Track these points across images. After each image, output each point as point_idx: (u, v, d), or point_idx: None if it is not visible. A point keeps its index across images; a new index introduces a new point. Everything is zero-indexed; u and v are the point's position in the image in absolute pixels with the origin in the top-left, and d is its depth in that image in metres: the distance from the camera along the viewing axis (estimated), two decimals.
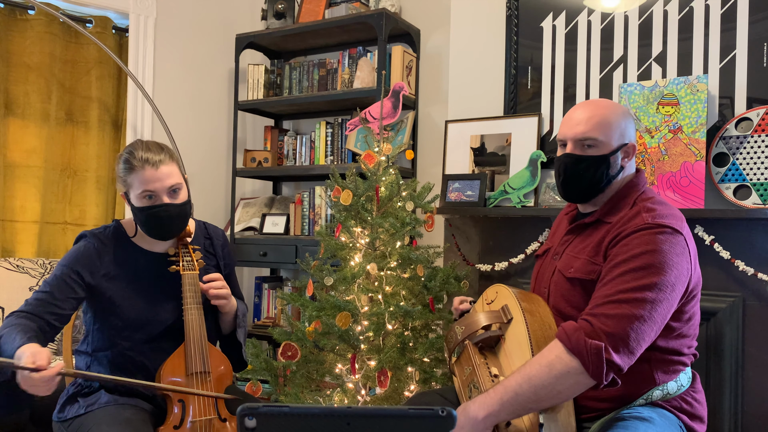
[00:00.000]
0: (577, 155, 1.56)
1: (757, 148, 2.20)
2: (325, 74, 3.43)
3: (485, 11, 2.86)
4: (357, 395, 2.24)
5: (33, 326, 1.55)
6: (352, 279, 2.24)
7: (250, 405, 0.75)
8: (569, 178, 1.58)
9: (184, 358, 1.65)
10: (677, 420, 1.47)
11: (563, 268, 1.58)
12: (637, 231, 1.43)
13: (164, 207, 1.65)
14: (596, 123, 1.54)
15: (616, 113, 1.56)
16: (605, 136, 1.54)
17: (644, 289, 1.36)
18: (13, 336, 1.46)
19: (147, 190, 1.63)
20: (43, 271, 2.88)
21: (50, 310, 1.60)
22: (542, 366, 1.35)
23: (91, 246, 1.69)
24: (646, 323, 1.35)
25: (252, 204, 3.68)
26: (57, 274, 1.65)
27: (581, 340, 1.33)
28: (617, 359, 1.32)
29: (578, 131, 1.55)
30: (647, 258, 1.38)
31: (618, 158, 1.56)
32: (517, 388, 1.35)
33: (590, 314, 1.38)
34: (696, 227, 2.23)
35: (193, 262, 1.75)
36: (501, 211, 2.63)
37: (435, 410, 0.77)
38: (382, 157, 2.39)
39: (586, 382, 1.34)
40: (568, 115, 1.60)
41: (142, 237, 1.76)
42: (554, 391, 1.34)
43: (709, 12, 2.36)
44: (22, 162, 3.08)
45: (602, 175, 1.55)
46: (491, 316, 1.60)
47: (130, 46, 3.33)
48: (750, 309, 2.18)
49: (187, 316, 1.68)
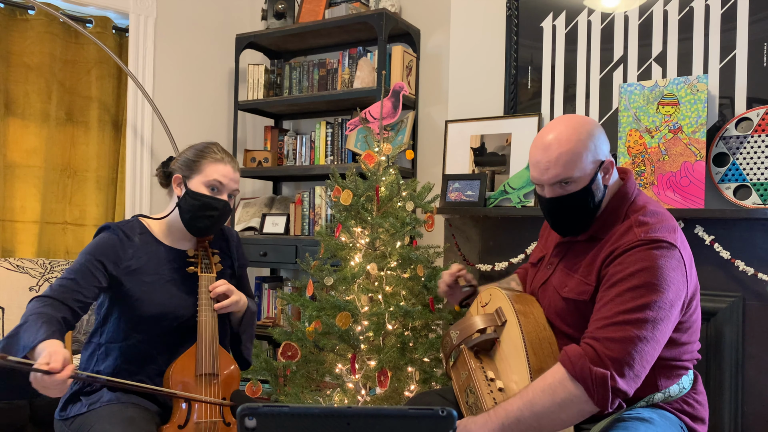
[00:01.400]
0: (558, 197, 1.50)
1: (757, 148, 2.20)
2: (325, 74, 3.43)
3: (485, 11, 2.86)
4: (357, 395, 2.24)
5: (57, 316, 1.52)
6: (352, 279, 2.24)
7: (250, 405, 0.76)
8: (558, 219, 1.54)
9: (195, 358, 1.66)
10: (678, 421, 1.47)
11: (558, 285, 1.55)
12: (631, 248, 1.40)
13: (223, 202, 1.72)
14: (566, 162, 1.45)
15: (581, 140, 1.46)
16: (579, 170, 1.45)
17: (644, 308, 1.33)
18: (37, 326, 1.44)
19: (218, 180, 1.70)
20: (43, 271, 2.88)
21: (75, 297, 1.58)
22: (545, 393, 1.33)
23: (115, 237, 1.69)
24: (649, 344, 1.33)
25: (252, 204, 3.68)
26: (81, 261, 1.64)
27: (586, 368, 1.31)
28: (623, 386, 1.30)
29: (551, 176, 1.47)
30: (644, 276, 1.35)
31: (599, 181, 1.49)
32: (519, 414, 1.33)
33: (593, 338, 1.35)
34: (696, 227, 2.23)
35: (212, 265, 1.77)
36: (501, 211, 2.63)
37: (435, 410, 0.77)
38: (382, 157, 2.39)
39: (590, 409, 1.32)
40: (535, 155, 1.51)
41: (165, 232, 1.78)
42: (557, 420, 1.32)
43: (709, 12, 2.36)
44: (22, 162, 3.08)
45: (589, 205, 1.49)
46: (485, 320, 1.59)
47: (130, 46, 3.33)
48: (750, 309, 2.18)
49: (201, 317, 1.70)
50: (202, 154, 1.73)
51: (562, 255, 1.60)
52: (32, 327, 1.44)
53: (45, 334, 1.41)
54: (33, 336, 1.42)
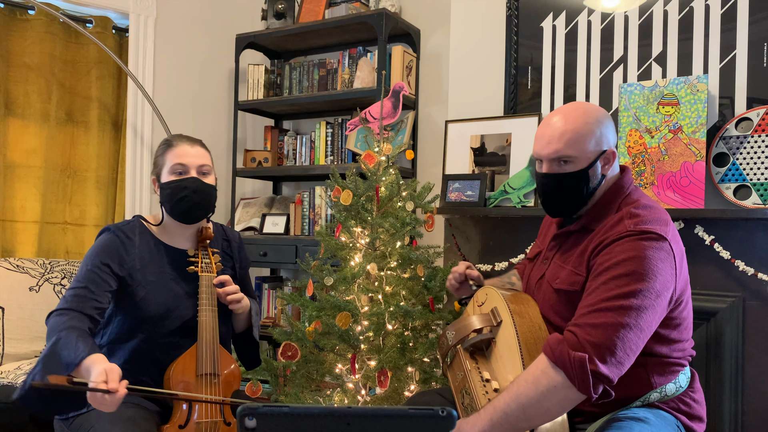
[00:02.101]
0: (554, 174, 1.50)
1: (757, 148, 2.20)
2: (325, 74, 3.43)
3: (485, 11, 2.86)
4: (357, 395, 2.24)
5: (84, 327, 1.53)
6: (352, 279, 2.24)
7: (250, 405, 0.76)
8: (549, 197, 1.54)
9: (195, 358, 1.67)
10: (675, 420, 1.46)
11: (550, 278, 1.55)
12: (620, 239, 1.40)
13: (192, 179, 1.70)
14: (569, 139, 1.47)
15: (588, 123, 1.48)
16: (580, 151, 1.47)
17: (629, 296, 1.32)
18: (73, 341, 1.45)
19: (179, 163, 1.70)
20: (43, 271, 2.88)
21: (91, 304, 1.58)
22: (528, 382, 1.33)
23: (116, 238, 1.70)
24: (632, 331, 1.31)
25: (252, 204, 3.68)
26: (88, 268, 1.63)
27: (565, 352, 1.31)
28: (604, 370, 1.29)
29: (551, 150, 1.48)
30: (630, 265, 1.35)
31: (597, 169, 1.50)
32: (506, 407, 1.32)
33: (575, 324, 1.35)
34: (696, 227, 2.23)
35: (212, 264, 1.78)
36: (501, 211, 2.63)
37: (435, 410, 0.77)
38: (382, 157, 2.39)
39: (575, 396, 1.31)
40: (541, 129, 1.53)
41: (163, 232, 1.78)
42: (543, 409, 1.31)
43: (709, 12, 2.36)
44: (22, 162, 3.08)
45: (582, 189, 1.49)
46: (481, 320, 1.58)
47: (130, 46, 3.33)
48: (750, 309, 2.18)
49: (202, 317, 1.70)
50: (161, 149, 1.75)
51: (557, 249, 1.60)
52: (69, 343, 1.45)
53: (86, 348, 1.43)
54: (73, 352, 1.43)
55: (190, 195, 1.70)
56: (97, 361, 1.40)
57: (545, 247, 1.67)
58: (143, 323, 1.68)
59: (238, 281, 1.91)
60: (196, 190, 1.71)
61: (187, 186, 1.70)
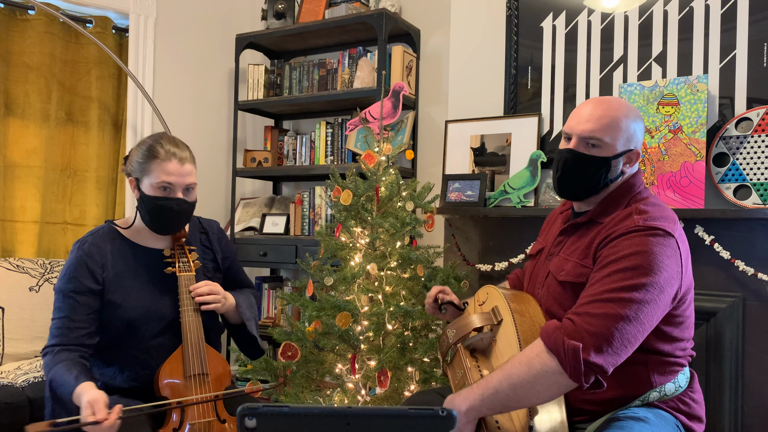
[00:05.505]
0: (579, 153, 1.52)
1: (757, 148, 2.20)
2: (325, 74, 3.43)
3: (485, 11, 2.86)
4: (357, 395, 2.24)
5: (73, 356, 1.56)
6: (352, 279, 2.24)
7: (250, 405, 0.76)
8: (566, 175, 1.55)
9: (182, 360, 1.65)
10: (674, 420, 1.46)
11: (555, 270, 1.56)
12: (628, 233, 1.40)
13: (177, 201, 1.67)
14: (605, 124, 1.49)
15: (627, 116, 1.51)
16: (612, 138, 1.49)
17: (631, 289, 1.33)
18: (65, 377, 1.50)
19: (167, 181, 1.65)
20: (43, 271, 2.88)
21: (76, 334, 1.60)
22: (522, 364, 1.34)
23: (83, 254, 1.68)
24: (631, 323, 1.32)
25: (252, 204, 3.68)
26: (65, 293, 1.63)
27: (560, 339, 1.31)
28: (598, 360, 1.29)
29: (585, 128, 1.51)
30: (636, 259, 1.36)
31: (620, 163, 1.52)
32: (497, 385, 1.34)
33: (574, 313, 1.36)
34: (696, 227, 2.23)
35: (189, 263, 1.75)
36: (501, 211, 2.63)
37: (435, 410, 0.77)
38: (382, 157, 2.39)
39: (566, 383, 1.31)
40: (579, 108, 1.55)
41: (136, 234, 1.76)
42: (533, 391, 1.32)
43: (709, 12, 2.36)
44: (22, 162, 3.08)
45: (600, 177, 1.51)
46: (482, 319, 1.59)
47: (130, 46, 3.33)
48: (750, 309, 2.18)
49: (184, 318, 1.68)
50: (149, 154, 1.67)
51: (563, 244, 1.61)
52: (61, 379, 1.50)
53: (73, 380, 1.47)
54: (66, 389, 1.47)
55: (174, 215, 1.69)
56: (84, 391, 1.43)
57: (549, 243, 1.67)
58: (126, 328, 1.67)
59: (223, 272, 1.88)
60: (180, 211, 1.69)
61: (172, 207, 1.67)
